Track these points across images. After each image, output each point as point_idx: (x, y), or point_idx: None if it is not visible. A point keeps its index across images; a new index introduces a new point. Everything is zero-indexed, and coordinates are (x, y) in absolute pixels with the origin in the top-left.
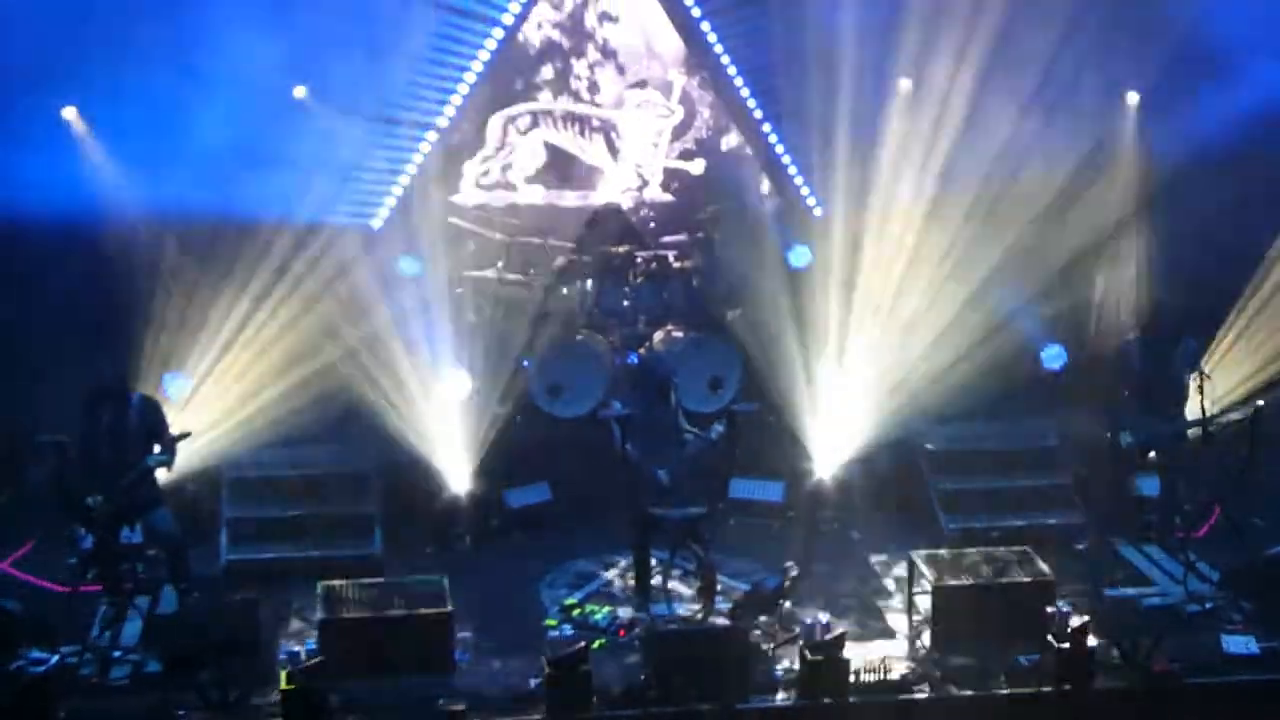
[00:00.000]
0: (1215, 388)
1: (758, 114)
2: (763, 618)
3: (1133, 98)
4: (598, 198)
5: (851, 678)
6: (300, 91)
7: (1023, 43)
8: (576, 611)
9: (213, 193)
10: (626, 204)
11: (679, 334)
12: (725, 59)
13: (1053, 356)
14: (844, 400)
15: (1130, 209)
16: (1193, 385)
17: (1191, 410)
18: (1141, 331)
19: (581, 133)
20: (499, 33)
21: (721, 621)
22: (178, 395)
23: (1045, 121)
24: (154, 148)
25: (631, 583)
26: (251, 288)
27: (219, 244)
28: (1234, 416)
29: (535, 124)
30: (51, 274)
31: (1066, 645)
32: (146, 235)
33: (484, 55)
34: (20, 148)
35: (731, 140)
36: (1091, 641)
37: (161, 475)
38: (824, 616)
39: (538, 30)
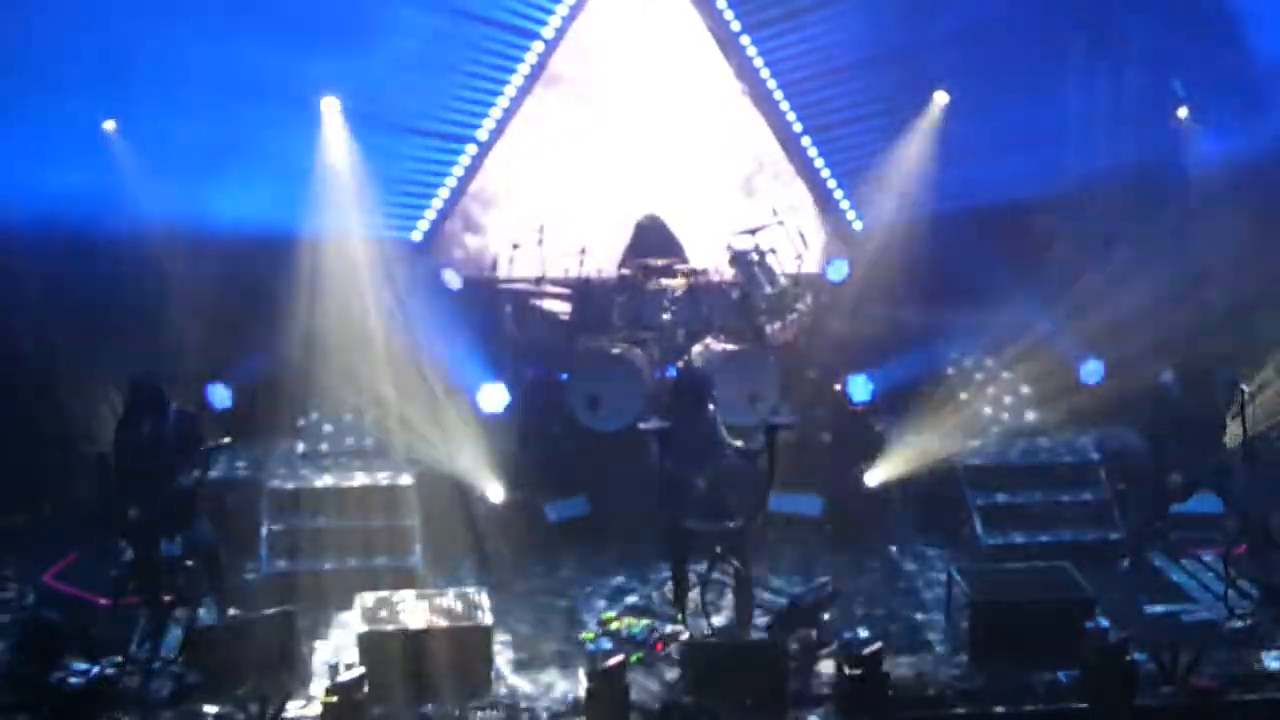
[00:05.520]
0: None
1: (797, 127)
2: (800, 632)
3: (1182, 112)
4: (637, 211)
5: (889, 693)
6: (332, 104)
7: (1067, 55)
8: (614, 625)
9: (253, 206)
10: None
11: (718, 347)
12: (765, 72)
13: (1090, 371)
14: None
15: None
16: (1234, 405)
17: (1233, 431)
18: (1177, 365)
19: (619, 144)
20: (539, 46)
21: (759, 636)
22: (220, 405)
23: (1090, 135)
24: (194, 161)
25: (669, 596)
26: (294, 300)
27: (258, 257)
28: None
29: (574, 136)
30: (89, 286)
31: (1105, 662)
32: (186, 248)
33: (525, 68)
34: (60, 159)
35: None
36: (1131, 658)
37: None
38: (862, 631)
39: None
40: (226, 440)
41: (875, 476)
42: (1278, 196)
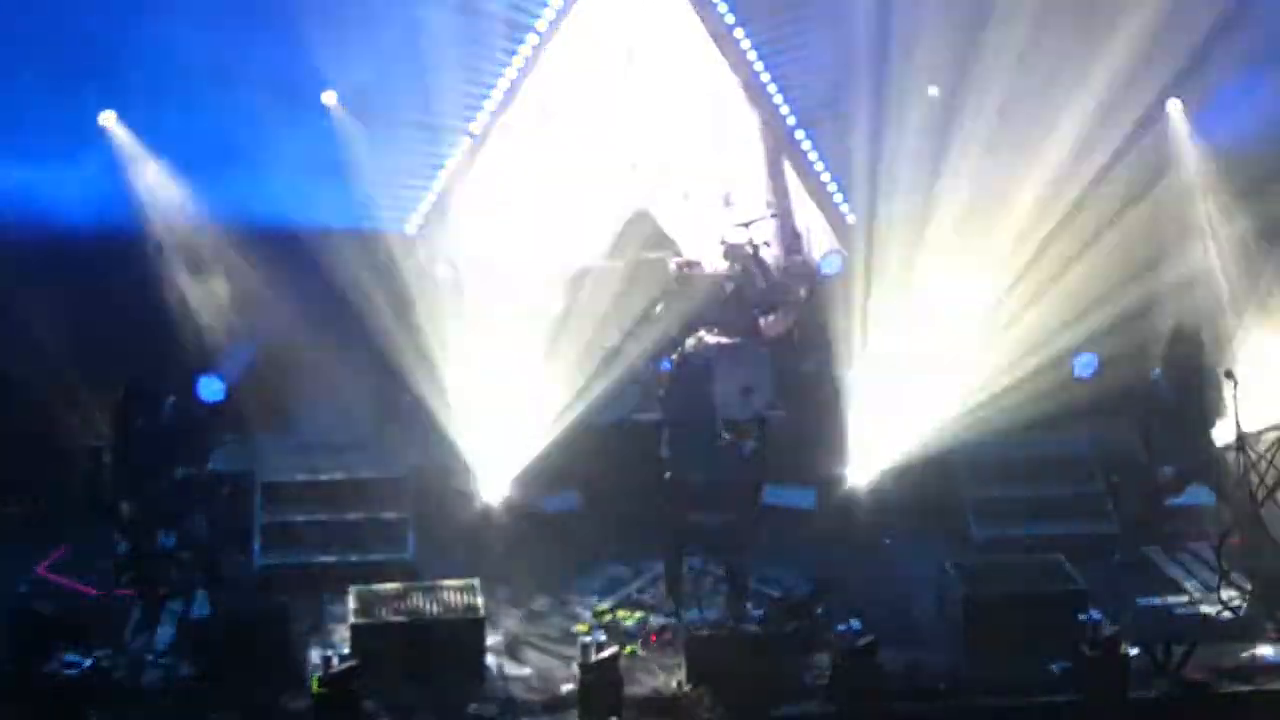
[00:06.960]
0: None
1: (790, 120)
2: (795, 624)
3: (1175, 105)
4: (629, 203)
5: (883, 685)
6: (331, 97)
7: (1060, 49)
8: (608, 617)
9: (250, 198)
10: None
11: (711, 340)
12: (759, 65)
13: (1084, 365)
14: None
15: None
16: (1226, 393)
17: (1224, 422)
18: (1168, 358)
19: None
20: (533, 39)
21: (753, 628)
22: (212, 398)
23: (1086, 130)
24: (190, 154)
25: (663, 589)
26: (289, 292)
27: (255, 247)
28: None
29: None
30: (85, 278)
31: (1098, 654)
32: (182, 240)
33: (518, 61)
34: (58, 153)
35: None
36: (1123, 650)
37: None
38: (856, 623)
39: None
40: (226, 436)
41: (869, 469)
42: (1270, 188)
